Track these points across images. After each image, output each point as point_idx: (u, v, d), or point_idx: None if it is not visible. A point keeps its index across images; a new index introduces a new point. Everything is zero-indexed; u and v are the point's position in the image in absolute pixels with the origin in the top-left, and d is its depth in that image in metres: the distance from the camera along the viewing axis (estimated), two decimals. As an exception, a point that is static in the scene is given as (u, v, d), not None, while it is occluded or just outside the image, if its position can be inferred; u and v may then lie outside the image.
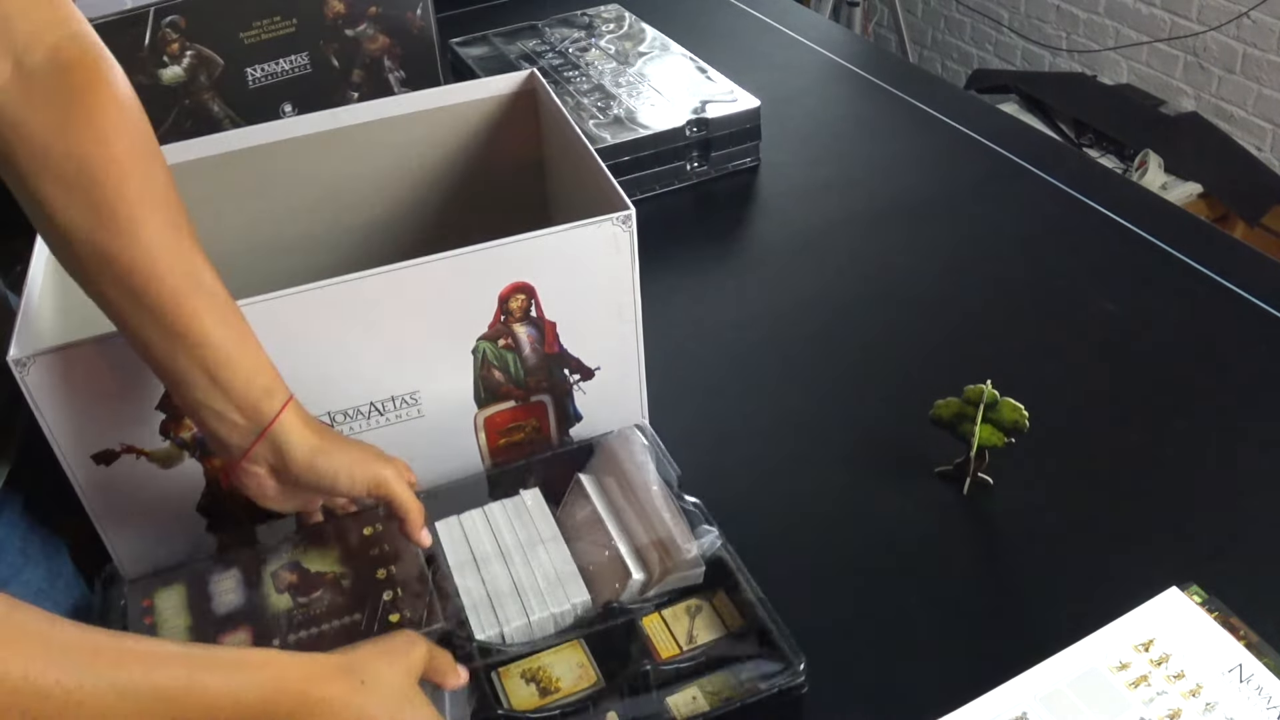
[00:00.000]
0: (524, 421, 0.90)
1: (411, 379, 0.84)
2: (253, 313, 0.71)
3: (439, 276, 0.79)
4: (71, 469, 0.78)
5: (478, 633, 0.75)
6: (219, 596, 0.78)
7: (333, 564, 0.79)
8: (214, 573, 0.79)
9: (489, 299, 0.82)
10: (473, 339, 0.84)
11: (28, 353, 0.72)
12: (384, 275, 0.78)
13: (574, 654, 0.75)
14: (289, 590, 0.77)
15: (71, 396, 0.75)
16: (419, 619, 0.75)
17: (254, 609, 0.76)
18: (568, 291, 0.84)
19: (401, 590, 0.77)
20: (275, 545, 0.81)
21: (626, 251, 0.84)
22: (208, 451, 0.81)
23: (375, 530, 0.81)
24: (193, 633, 0.75)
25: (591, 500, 0.83)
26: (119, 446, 0.78)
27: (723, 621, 0.76)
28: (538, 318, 0.85)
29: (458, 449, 0.89)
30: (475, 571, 0.79)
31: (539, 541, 0.81)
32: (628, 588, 0.77)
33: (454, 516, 0.84)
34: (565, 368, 0.88)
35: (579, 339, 0.87)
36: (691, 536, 0.78)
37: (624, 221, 0.82)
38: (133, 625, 0.76)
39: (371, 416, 0.84)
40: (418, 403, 0.85)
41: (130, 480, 0.80)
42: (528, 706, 0.72)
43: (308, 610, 0.76)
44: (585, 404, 0.90)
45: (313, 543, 0.81)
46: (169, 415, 0.78)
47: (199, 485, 0.82)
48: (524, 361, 0.87)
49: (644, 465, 0.83)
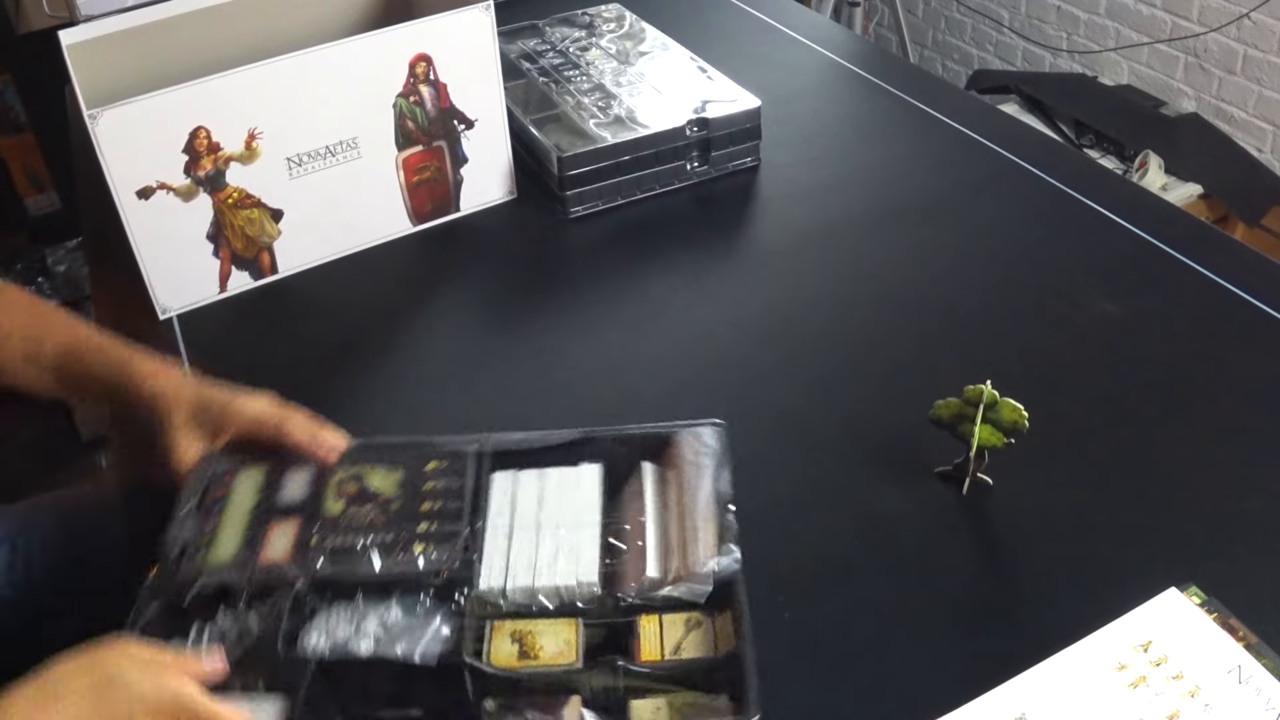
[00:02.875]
0: (429, 163, 1.25)
1: (352, 128, 1.18)
2: (249, 79, 1.09)
3: (368, 48, 1.15)
4: (121, 203, 1.09)
5: (482, 583, 0.76)
6: (287, 488, 0.84)
7: (391, 487, 0.83)
8: (292, 467, 0.85)
9: (401, 66, 1.17)
10: (392, 96, 1.19)
11: (97, 107, 1.03)
12: (333, 48, 1.13)
13: (566, 630, 0.75)
14: (345, 499, 0.82)
15: (126, 142, 1.06)
16: (438, 558, 0.77)
17: (310, 508, 0.82)
18: (453, 61, 1.20)
19: (436, 527, 0.79)
20: (352, 457, 0.85)
21: (488, 30, 1.20)
22: (219, 187, 1.13)
23: (440, 466, 0.85)
24: (252, 515, 0.81)
25: (645, 491, 0.84)
26: (155, 183, 1.10)
27: (714, 643, 0.75)
28: (435, 80, 1.20)
29: (384, 183, 1.23)
30: (507, 529, 0.81)
31: (576, 517, 0.82)
32: (641, 583, 0.77)
33: (512, 472, 0.85)
34: (455, 119, 1.23)
35: (463, 96, 1.23)
36: (715, 551, 0.77)
37: (485, 9, 1.19)
38: (211, 490, 0.84)
39: (326, 157, 1.18)
40: (357, 145, 1.19)
41: (161, 211, 1.11)
42: (500, 663, 0.73)
43: (350, 521, 0.80)
44: (470, 149, 1.27)
45: (381, 462, 0.85)
46: (191, 158, 1.10)
47: (209, 216, 1.14)
48: (428, 114, 1.22)
49: (702, 468, 0.83)
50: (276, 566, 0.77)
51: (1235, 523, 0.85)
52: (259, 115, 1.12)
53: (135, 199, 1.09)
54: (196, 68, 1.10)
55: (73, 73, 1.09)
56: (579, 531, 0.81)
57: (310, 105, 1.14)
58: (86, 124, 1.04)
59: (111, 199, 1.09)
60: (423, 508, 0.81)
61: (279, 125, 1.13)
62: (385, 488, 0.83)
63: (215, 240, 1.16)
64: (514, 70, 1.45)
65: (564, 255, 1.25)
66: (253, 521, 0.80)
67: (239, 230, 1.17)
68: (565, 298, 1.15)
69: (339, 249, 1.25)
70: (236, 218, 1.16)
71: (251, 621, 0.74)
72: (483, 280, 1.06)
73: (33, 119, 2.64)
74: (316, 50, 1.12)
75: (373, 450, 0.86)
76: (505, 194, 1.33)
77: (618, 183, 1.28)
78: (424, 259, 1.26)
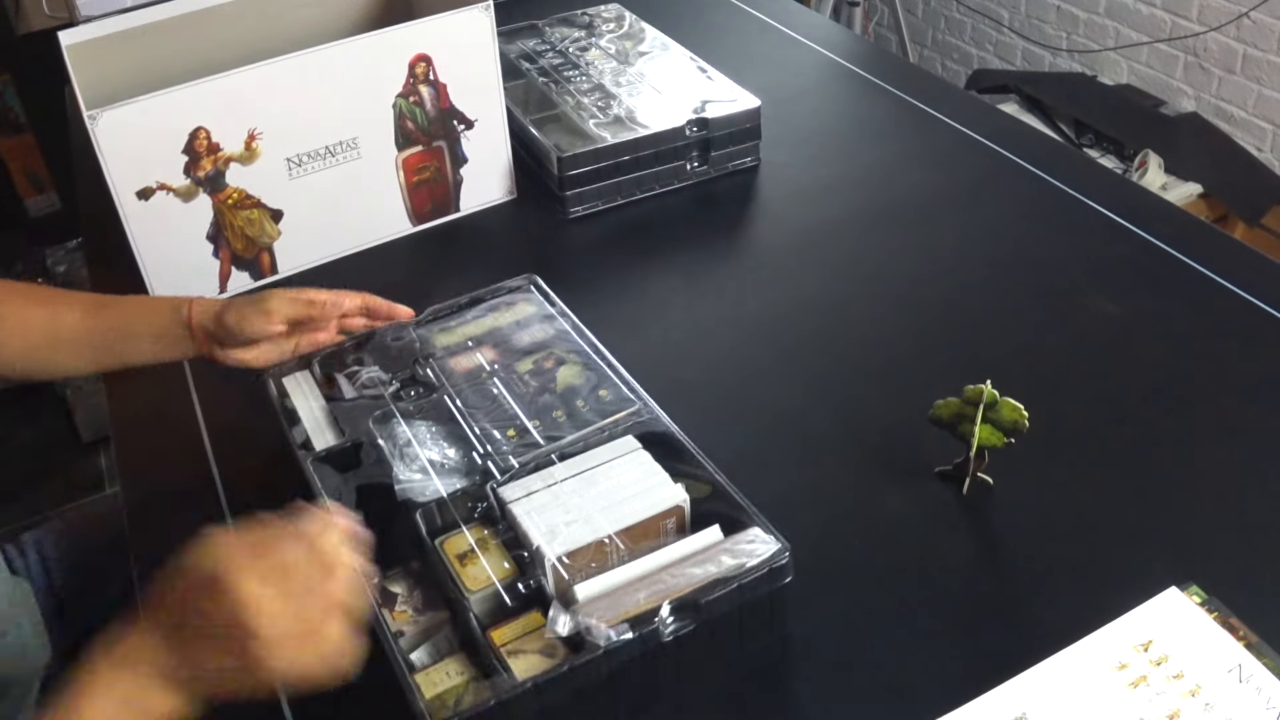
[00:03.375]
0: (429, 163, 1.25)
1: (352, 128, 1.18)
2: (249, 79, 1.09)
3: (368, 48, 1.15)
4: (121, 204, 1.09)
5: (509, 491, 0.81)
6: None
7: (575, 376, 0.93)
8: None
9: (401, 66, 1.17)
10: (392, 96, 1.19)
11: (97, 108, 1.03)
12: (333, 48, 1.13)
13: (500, 569, 0.78)
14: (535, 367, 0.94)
15: (126, 142, 1.06)
16: (504, 450, 0.85)
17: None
18: (453, 61, 1.20)
19: (493, 443, 0.86)
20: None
21: (487, 30, 1.21)
22: (218, 188, 1.13)
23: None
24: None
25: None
26: (155, 184, 1.10)
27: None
28: (435, 80, 1.20)
29: (384, 184, 1.24)
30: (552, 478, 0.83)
31: (622, 491, 0.81)
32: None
33: (625, 441, 0.86)
34: (455, 119, 1.23)
35: (463, 97, 1.23)
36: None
37: (485, 9, 1.20)
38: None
39: (326, 157, 1.18)
40: (357, 146, 1.19)
41: (161, 211, 1.11)
42: (447, 549, 0.79)
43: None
44: (469, 149, 1.27)
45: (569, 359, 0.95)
46: (190, 159, 1.10)
47: (209, 217, 1.15)
48: (427, 114, 1.22)
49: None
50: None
51: (1235, 523, 0.85)
52: (259, 115, 1.12)
53: (135, 199, 1.09)
54: (196, 68, 1.10)
55: (72, 73, 1.09)
56: (620, 505, 0.80)
57: (310, 105, 1.14)
58: (86, 124, 1.04)
59: (111, 199, 1.09)
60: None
61: (279, 125, 1.13)
62: (569, 377, 0.92)
63: (215, 241, 1.17)
64: (514, 70, 1.45)
65: (564, 255, 1.25)
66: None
67: (239, 231, 1.17)
68: (565, 298, 1.15)
69: (339, 249, 1.25)
70: (236, 218, 1.16)
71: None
72: (483, 280, 1.06)
73: (32, 119, 2.64)
74: (316, 50, 1.12)
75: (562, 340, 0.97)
76: (505, 194, 1.33)
77: (617, 183, 1.28)
78: (424, 259, 1.26)
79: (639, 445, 0.85)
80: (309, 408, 0.93)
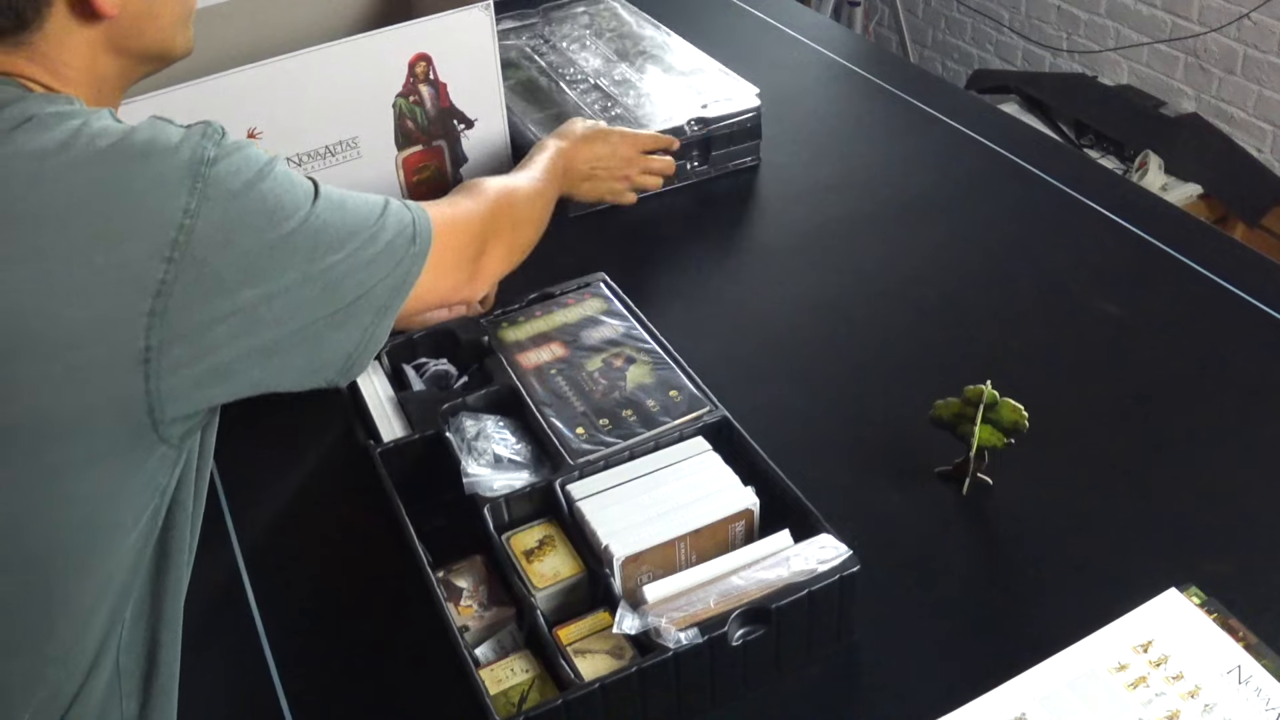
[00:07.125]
0: (429, 163, 1.26)
1: (352, 128, 1.18)
2: (249, 79, 1.09)
3: (368, 48, 1.16)
4: None
5: (577, 489, 0.81)
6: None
7: (645, 375, 0.94)
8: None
9: (401, 66, 1.17)
10: (392, 96, 1.19)
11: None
12: (333, 48, 1.14)
13: (573, 568, 0.78)
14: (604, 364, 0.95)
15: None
16: (576, 449, 0.85)
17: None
18: (453, 60, 1.20)
19: (562, 439, 0.85)
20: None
21: (487, 30, 1.21)
22: None
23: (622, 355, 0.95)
24: None
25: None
26: None
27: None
28: (434, 80, 1.20)
29: (384, 183, 1.24)
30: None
31: (691, 494, 0.81)
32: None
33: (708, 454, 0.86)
34: (455, 119, 1.24)
35: (463, 96, 1.23)
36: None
37: (485, 9, 1.20)
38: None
39: (325, 157, 1.18)
40: (357, 145, 1.19)
41: None
42: (514, 545, 0.79)
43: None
44: (469, 148, 1.28)
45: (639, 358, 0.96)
46: None
47: None
48: (427, 113, 1.22)
49: None
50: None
51: (1235, 523, 0.85)
52: (259, 115, 1.12)
53: None
54: (196, 68, 1.09)
55: None
56: (688, 505, 0.80)
57: (310, 105, 1.15)
58: None
59: None
60: (592, 386, 0.91)
61: (279, 125, 1.13)
62: (639, 376, 0.93)
63: None
64: (514, 69, 1.44)
65: (564, 255, 1.24)
66: None
67: None
68: (565, 298, 1.16)
69: (339, 249, 1.25)
70: (237, 217, 1.16)
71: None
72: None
73: (32, 119, 2.63)
74: (316, 50, 1.13)
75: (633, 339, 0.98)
76: (505, 194, 1.33)
77: (618, 182, 1.28)
78: (424, 259, 1.25)
79: (709, 447, 0.84)
80: (378, 399, 0.93)
